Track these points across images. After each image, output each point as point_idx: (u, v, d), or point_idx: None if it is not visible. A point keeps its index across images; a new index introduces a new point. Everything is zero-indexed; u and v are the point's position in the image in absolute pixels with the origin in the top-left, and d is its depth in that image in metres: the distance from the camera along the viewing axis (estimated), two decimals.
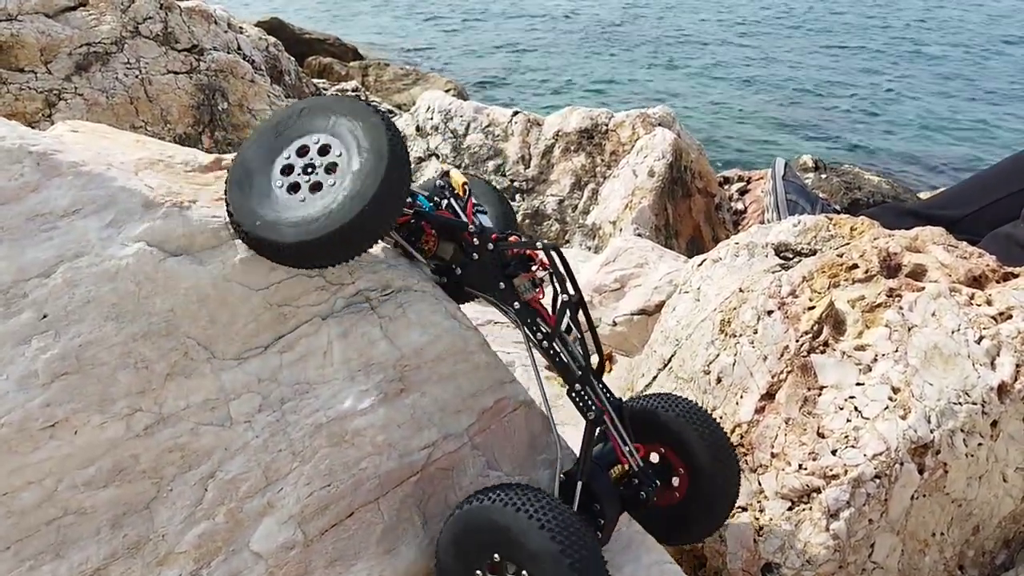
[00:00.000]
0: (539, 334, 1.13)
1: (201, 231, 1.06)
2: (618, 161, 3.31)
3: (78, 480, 0.95)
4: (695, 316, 1.65)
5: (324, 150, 1.05)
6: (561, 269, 1.11)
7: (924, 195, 4.62)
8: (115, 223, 1.03)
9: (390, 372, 1.09)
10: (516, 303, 1.13)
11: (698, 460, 1.21)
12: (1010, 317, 1.41)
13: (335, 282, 1.11)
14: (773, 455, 1.37)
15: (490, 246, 1.14)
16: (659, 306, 2.15)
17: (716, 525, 1.27)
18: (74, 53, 2.85)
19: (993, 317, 1.41)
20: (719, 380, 1.49)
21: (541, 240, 1.12)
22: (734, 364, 1.48)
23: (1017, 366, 1.36)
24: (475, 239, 1.14)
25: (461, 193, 1.19)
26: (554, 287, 1.13)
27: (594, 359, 1.17)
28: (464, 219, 1.17)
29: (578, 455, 1.13)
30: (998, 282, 1.51)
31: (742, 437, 1.41)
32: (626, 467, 1.18)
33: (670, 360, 1.63)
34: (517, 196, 3.34)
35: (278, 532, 1.01)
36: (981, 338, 1.38)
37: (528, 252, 1.15)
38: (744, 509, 1.36)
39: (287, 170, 1.06)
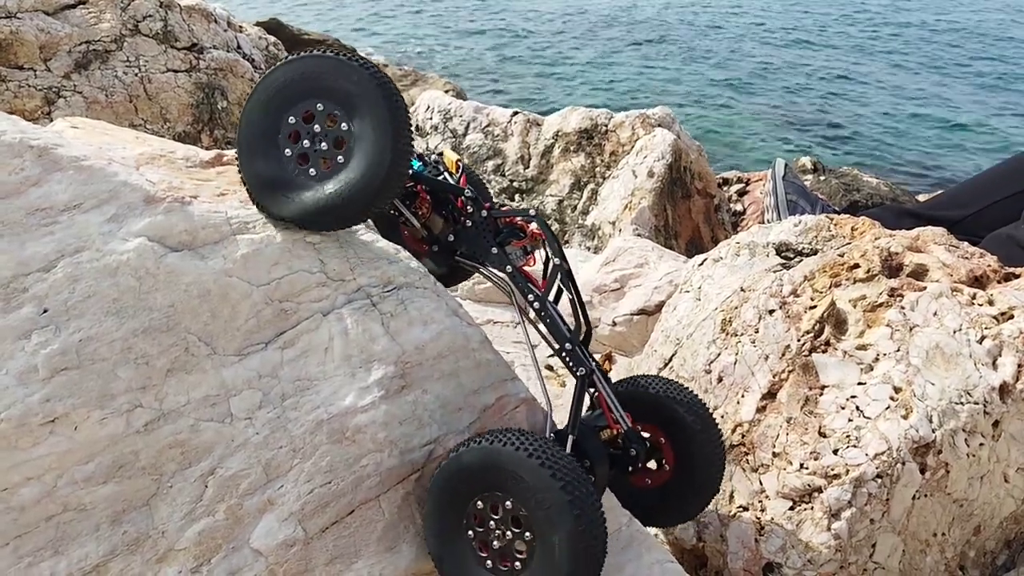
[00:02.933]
0: (530, 296, 1.15)
1: (203, 226, 1.06)
2: (617, 162, 3.31)
3: (78, 476, 0.94)
4: (696, 315, 1.65)
5: (309, 118, 1.06)
6: (551, 239, 1.16)
7: (922, 197, 4.62)
8: (116, 218, 1.02)
9: (391, 369, 1.09)
10: (508, 267, 1.16)
11: (685, 438, 1.21)
12: (1012, 317, 1.41)
13: (336, 278, 1.11)
14: (774, 454, 1.36)
15: (483, 213, 1.18)
16: (659, 306, 2.15)
17: (702, 505, 1.27)
18: (73, 51, 2.84)
19: (995, 317, 1.41)
20: (720, 379, 1.49)
21: (533, 209, 1.15)
22: (735, 363, 1.48)
23: (1019, 366, 1.36)
24: (469, 206, 1.18)
25: (454, 170, 1.22)
26: (546, 254, 1.17)
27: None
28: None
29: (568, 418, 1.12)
30: (999, 282, 1.51)
31: (743, 436, 1.41)
32: (614, 432, 1.18)
33: (671, 359, 1.63)
34: (516, 196, 3.33)
35: (278, 529, 1.00)
36: (983, 338, 1.38)
37: (518, 224, 1.20)
38: (745, 508, 1.36)
39: (303, 159, 1.07)
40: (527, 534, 0.98)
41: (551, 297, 1.17)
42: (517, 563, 1.00)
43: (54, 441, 0.94)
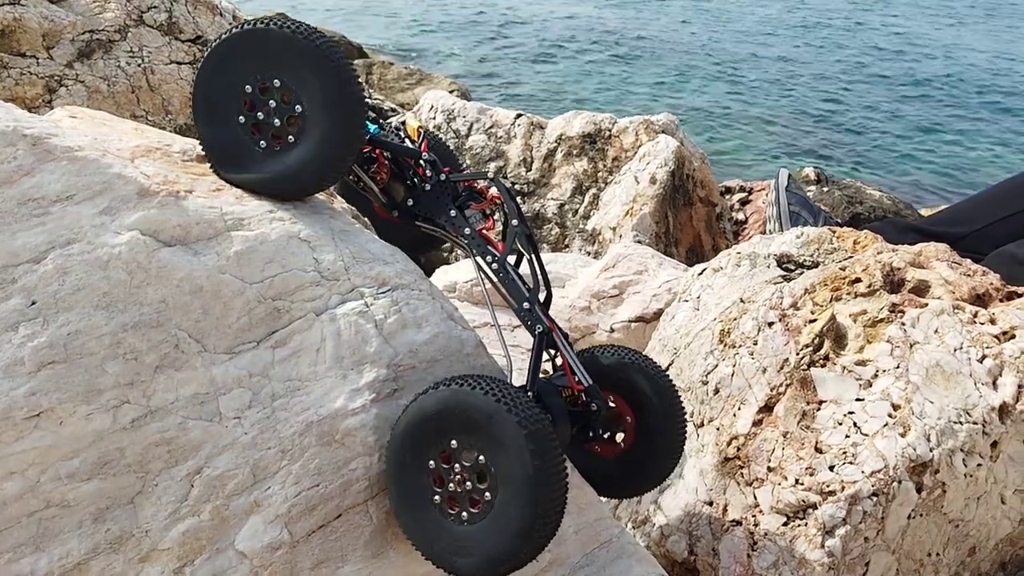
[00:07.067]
0: (488, 256, 1.16)
1: (197, 221, 1.04)
2: (620, 167, 3.29)
3: (62, 472, 0.93)
4: (694, 325, 1.63)
5: (264, 90, 1.07)
6: (510, 202, 1.18)
7: (925, 211, 4.60)
8: (109, 210, 1.01)
9: (384, 371, 1.07)
10: (467, 229, 1.17)
11: (646, 403, 1.20)
12: (1013, 337, 1.39)
13: (331, 278, 1.09)
14: (770, 469, 1.35)
15: (442, 177, 1.19)
16: (658, 314, 2.14)
17: (662, 476, 1.26)
18: (77, 40, 2.82)
19: (996, 336, 1.39)
20: (717, 391, 1.48)
21: (491, 172, 1.16)
22: (733, 375, 1.47)
23: (1019, 386, 1.34)
24: (427, 171, 1.19)
25: (416, 137, 1.23)
26: (505, 218, 1.18)
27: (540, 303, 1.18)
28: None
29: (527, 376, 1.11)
30: (1002, 301, 1.49)
31: (739, 449, 1.39)
32: (576, 392, 1.17)
33: (667, 368, 1.61)
34: (518, 199, 3.32)
35: (264, 532, 0.99)
36: (984, 357, 1.36)
37: (479, 190, 1.22)
38: (738, 523, 1.35)
39: (258, 129, 1.08)
40: (488, 480, 0.97)
41: (512, 260, 1.17)
42: (476, 509, 0.98)
43: (38, 436, 0.92)
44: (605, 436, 1.23)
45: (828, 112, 8.92)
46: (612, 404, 1.21)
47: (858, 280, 1.49)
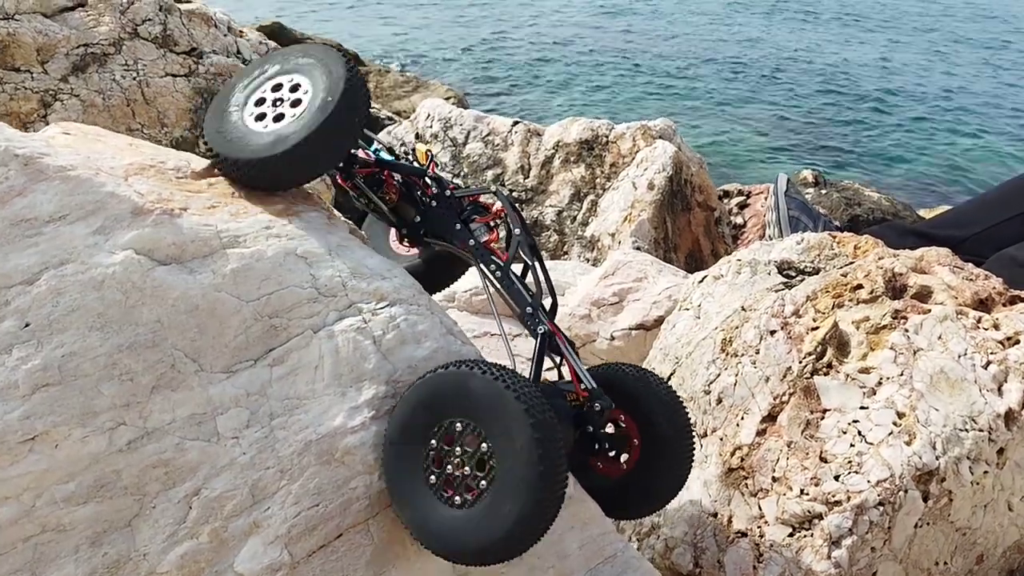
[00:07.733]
0: (492, 265, 1.20)
1: (192, 240, 1.03)
2: (618, 173, 3.29)
3: (57, 496, 0.92)
4: (696, 334, 1.62)
5: (295, 88, 1.17)
6: (513, 214, 1.23)
7: (924, 212, 4.60)
8: (102, 230, 1.00)
9: (383, 388, 1.06)
10: (471, 240, 1.22)
11: (654, 423, 1.19)
12: (1018, 342, 1.38)
13: (328, 294, 1.08)
14: (774, 479, 1.33)
15: (448, 193, 1.26)
16: (658, 321, 2.12)
17: (670, 496, 1.24)
18: (71, 54, 2.81)
19: (1000, 342, 1.38)
20: (720, 400, 1.46)
21: (495, 187, 1.21)
22: (735, 384, 1.45)
23: None
24: (433, 188, 1.27)
25: (424, 160, 1.30)
26: (508, 230, 1.24)
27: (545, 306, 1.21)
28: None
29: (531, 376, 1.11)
30: (1005, 305, 1.48)
31: (743, 460, 1.38)
32: (580, 397, 1.16)
33: (669, 378, 1.60)
34: (516, 206, 3.30)
35: (264, 553, 0.97)
36: (988, 363, 1.35)
37: (483, 204, 1.28)
38: (744, 534, 1.33)
39: (260, 102, 1.18)
40: (487, 466, 0.96)
41: (519, 271, 1.21)
42: (471, 495, 0.97)
43: (34, 459, 0.91)
44: (611, 454, 1.21)
45: (827, 114, 8.92)
46: (622, 423, 1.19)
47: (860, 286, 1.48)
